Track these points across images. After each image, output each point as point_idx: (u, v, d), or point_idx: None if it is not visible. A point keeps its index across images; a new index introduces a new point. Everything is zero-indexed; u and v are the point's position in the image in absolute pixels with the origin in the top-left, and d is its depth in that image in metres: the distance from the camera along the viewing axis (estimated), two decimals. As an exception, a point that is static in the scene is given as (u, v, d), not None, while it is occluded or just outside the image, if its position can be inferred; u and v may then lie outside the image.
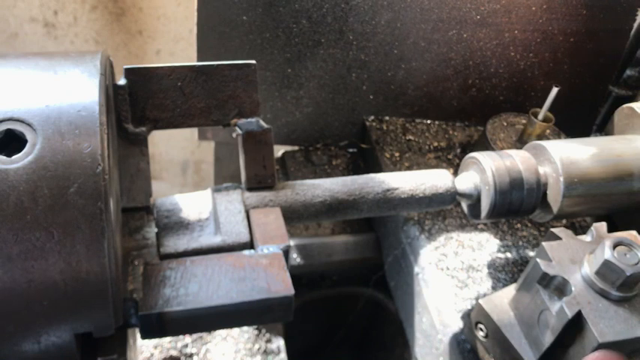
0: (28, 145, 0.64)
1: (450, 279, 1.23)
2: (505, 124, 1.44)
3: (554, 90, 1.26)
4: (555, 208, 1.04)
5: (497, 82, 1.58)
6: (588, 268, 0.89)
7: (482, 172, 1.03)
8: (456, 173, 1.10)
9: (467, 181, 1.05)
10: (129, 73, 0.87)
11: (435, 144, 1.56)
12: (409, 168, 1.47)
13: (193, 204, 0.92)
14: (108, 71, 0.78)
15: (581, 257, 0.92)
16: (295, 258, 1.52)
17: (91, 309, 0.64)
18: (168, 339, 1.35)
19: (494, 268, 1.26)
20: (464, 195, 1.05)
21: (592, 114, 1.68)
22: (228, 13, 1.39)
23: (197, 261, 0.80)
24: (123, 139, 0.88)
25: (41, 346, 0.64)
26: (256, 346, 1.38)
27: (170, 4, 2.16)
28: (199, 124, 0.92)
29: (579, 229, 1.37)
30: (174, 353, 1.34)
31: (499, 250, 1.30)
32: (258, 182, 0.95)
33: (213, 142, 1.80)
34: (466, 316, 1.16)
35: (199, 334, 1.38)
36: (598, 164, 1.05)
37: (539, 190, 1.03)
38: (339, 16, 1.43)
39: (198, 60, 1.46)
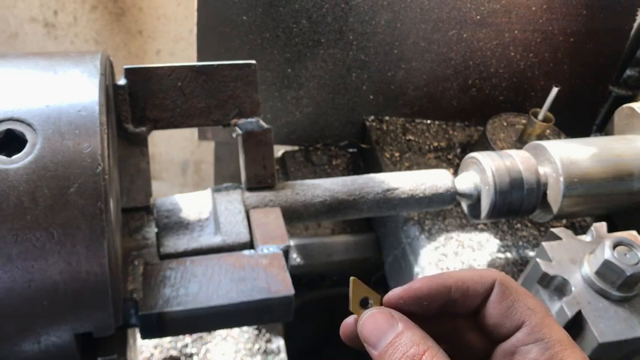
0: (28, 145, 0.64)
1: (450, 279, 1.23)
2: (505, 124, 1.44)
3: (554, 90, 1.26)
4: (555, 208, 1.04)
5: (497, 82, 1.58)
6: (588, 268, 0.89)
7: (482, 172, 1.03)
8: (456, 173, 1.10)
9: (467, 181, 1.05)
10: (129, 73, 0.87)
11: (435, 144, 1.56)
12: (409, 168, 1.47)
13: (193, 204, 0.93)
14: (108, 71, 0.78)
15: (581, 257, 0.92)
16: (295, 258, 1.51)
17: (91, 309, 0.64)
18: (168, 339, 1.35)
19: (494, 268, 1.26)
20: (464, 195, 1.05)
21: (592, 114, 1.68)
22: (228, 13, 1.39)
23: (197, 261, 0.80)
24: (123, 139, 0.88)
25: (41, 346, 0.64)
26: (256, 346, 1.38)
27: (170, 4, 2.16)
28: (199, 124, 0.92)
29: (579, 229, 1.37)
30: (174, 353, 1.34)
31: (499, 250, 1.30)
32: (258, 182, 0.95)
33: (213, 142, 1.79)
34: (466, 316, 1.16)
35: (199, 334, 1.37)
36: (598, 164, 1.05)
37: (539, 190, 1.03)
38: (339, 16, 1.43)
39: (198, 60, 1.46)
